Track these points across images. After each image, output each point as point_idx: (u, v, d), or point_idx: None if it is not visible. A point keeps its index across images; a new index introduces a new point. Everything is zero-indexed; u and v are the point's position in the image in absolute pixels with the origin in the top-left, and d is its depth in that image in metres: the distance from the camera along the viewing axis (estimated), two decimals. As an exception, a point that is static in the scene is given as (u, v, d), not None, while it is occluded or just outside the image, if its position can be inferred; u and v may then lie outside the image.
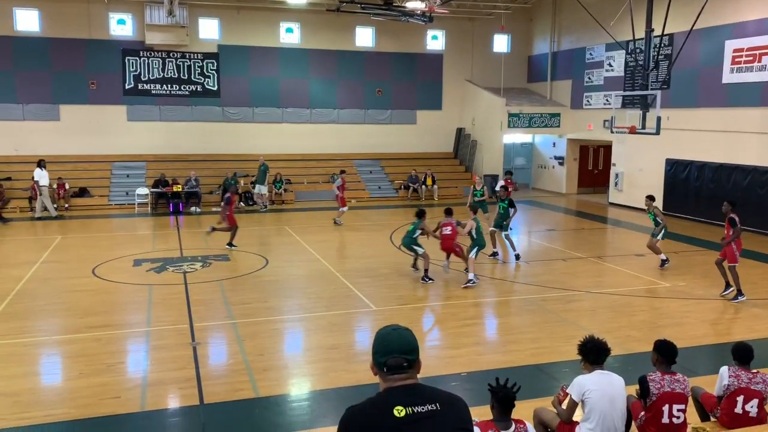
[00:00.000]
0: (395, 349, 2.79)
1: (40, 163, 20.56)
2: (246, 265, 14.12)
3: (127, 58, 24.68)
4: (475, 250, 12.64)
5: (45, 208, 20.39)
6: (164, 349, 8.91)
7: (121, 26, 24.65)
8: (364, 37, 27.60)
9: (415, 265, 13.45)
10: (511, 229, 15.15)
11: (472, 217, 13.13)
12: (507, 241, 14.97)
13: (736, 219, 11.22)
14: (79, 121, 24.43)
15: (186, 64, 25.36)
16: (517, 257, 14.67)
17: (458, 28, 28.46)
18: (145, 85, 24.97)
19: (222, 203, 16.66)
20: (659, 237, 13.85)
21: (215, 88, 25.83)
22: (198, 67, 25.52)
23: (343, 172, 20.78)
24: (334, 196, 20.10)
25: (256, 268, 13.81)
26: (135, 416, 6.98)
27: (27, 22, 23.63)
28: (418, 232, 12.77)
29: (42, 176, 20.24)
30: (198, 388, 7.62)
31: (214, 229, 15.81)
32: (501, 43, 29.27)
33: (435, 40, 28.55)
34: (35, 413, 6.96)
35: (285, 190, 24.45)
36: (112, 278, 12.82)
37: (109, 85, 24.57)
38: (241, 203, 23.05)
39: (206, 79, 25.69)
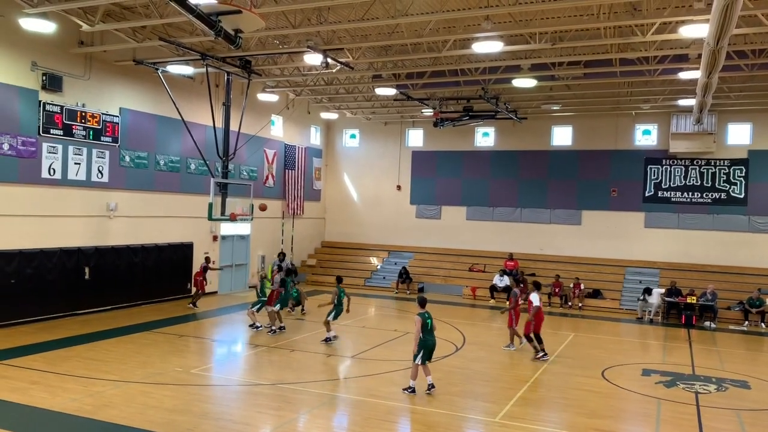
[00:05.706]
0: None
1: None
2: (771, 399, 12.24)
3: (649, 166, 25.26)
4: None
5: None
6: (672, 473, 8.34)
7: (645, 136, 25.58)
8: None
9: None
10: None
11: None
12: None
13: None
14: (598, 225, 25.98)
15: (710, 171, 24.38)
16: None
17: None
18: (665, 192, 25.00)
19: None
20: None
21: (741, 196, 23.95)
22: (723, 174, 24.22)
23: None
24: None
25: (785, 405, 11.81)
26: None
27: (562, 137, 26.92)
28: None
29: None
30: None
31: None
32: None
33: None
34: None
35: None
36: (620, 383, 12.81)
37: (629, 193, 25.47)
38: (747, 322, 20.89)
39: (732, 187, 24.09)
